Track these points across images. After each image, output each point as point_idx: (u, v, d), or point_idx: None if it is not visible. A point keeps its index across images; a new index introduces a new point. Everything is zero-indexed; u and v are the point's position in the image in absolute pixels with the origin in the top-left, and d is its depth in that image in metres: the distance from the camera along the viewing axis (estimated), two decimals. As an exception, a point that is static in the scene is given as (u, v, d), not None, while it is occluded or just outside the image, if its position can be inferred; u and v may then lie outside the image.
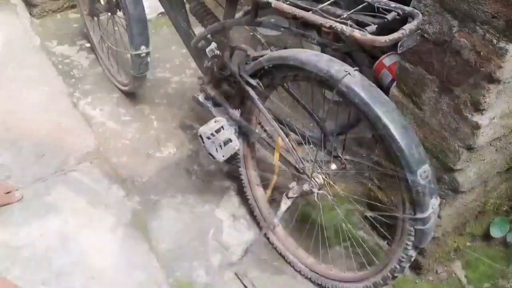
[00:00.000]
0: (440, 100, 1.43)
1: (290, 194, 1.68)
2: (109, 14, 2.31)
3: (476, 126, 1.35)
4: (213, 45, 1.81)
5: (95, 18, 2.49)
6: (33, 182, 2.01)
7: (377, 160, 1.54)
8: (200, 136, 1.73)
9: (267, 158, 1.96)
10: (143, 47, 2.08)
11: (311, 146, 1.67)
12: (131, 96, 2.41)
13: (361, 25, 1.22)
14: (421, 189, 1.32)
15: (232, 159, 1.87)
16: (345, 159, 1.59)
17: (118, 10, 2.24)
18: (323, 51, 1.51)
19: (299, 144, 1.74)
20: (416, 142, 1.32)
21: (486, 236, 1.88)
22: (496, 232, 1.82)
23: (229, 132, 1.75)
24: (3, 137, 2.17)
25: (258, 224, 1.91)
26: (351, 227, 1.83)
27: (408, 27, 1.19)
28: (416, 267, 1.80)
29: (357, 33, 1.18)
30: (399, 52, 1.23)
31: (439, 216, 1.60)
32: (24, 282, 1.71)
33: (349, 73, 1.34)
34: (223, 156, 1.75)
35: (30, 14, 2.84)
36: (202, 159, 2.13)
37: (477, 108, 1.33)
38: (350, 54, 2.63)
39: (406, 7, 1.26)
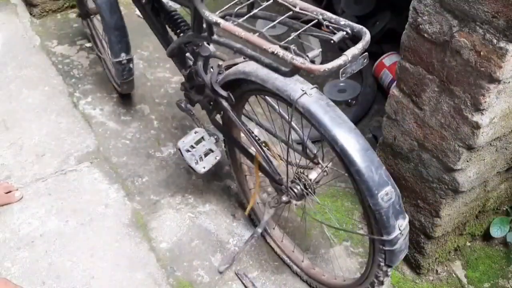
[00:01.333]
0: (440, 100, 1.43)
1: (271, 204, 1.65)
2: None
3: (476, 126, 1.35)
4: (188, 54, 1.78)
5: (88, 20, 2.49)
6: (33, 182, 2.02)
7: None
8: (179, 149, 1.71)
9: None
10: (123, 54, 2.06)
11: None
12: (131, 96, 2.41)
13: (307, 49, 1.17)
14: (383, 212, 1.28)
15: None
16: (326, 166, 1.54)
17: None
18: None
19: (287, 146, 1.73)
20: (376, 164, 1.28)
21: (486, 236, 1.88)
22: (496, 232, 1.82)
23: (209, 142, 1.74)
24: (3, 137, 2.17)
25: (256, 225, 1.91)
26: (331, 236, 1.83)
27: (351, 52, 1.12)
28: (416, 267, 1.80)
29: (297, 61, 1.13)
30: (341, 79, 1.19)
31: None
32: (24, 282, 1.71)
33: (305, 93, 1.31)
34: (204, 168, 1.73)
35: (30, 14, 2.84)
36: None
37: (477, 108, 1.33)
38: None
39: (355, 25, 1.19)
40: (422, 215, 1.66)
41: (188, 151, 1.72)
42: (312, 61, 1.14)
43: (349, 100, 2.42)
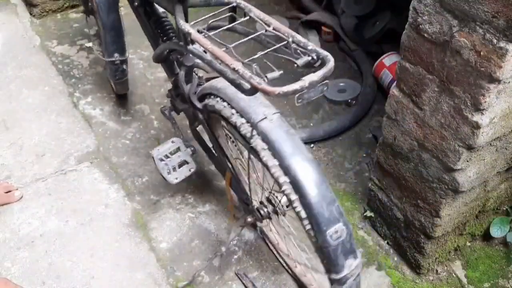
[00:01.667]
0: (440, 100, 1.43)
1: (239, 223, 1.64)
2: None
3: (476, 126, 1.35)
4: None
5: (91, 17, 2.49)
6: (33, 182, 2.02)
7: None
8: (153, 157, 1.71)
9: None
10: (116, 54, 2.06)
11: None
12: (131, 96, 2.41)
13: (268, 70, 1.13)
14: (332, 250, 1.23)
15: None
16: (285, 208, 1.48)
17: None
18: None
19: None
20: (329, 199, 1.22)
21: (486, 236, 1.88)
22: (496, 232, 1.82)
23: (185, 154, 1.73)
24: (3, 137, 2.18)
25: (256, 226, 1.91)
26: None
27: (310, 78, 1.09)
28: (416, 267, 1.80)
29: (254, 81, 1.10)
30: (297, 105, 1.17)
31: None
32: (24, 282, 1.71)
33: (266, 117, 1.28)
34: (176, 179, 1.72)
35: (30, 14, 2.84)
36: (201, 159, 2.13)
37: (477, 108, 1.33)
38: (350, 54, 2.64)
39: (321, 51, 1.16)
40: (422, 215, 1.66)
41: (162, 160, 1.71)
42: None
43: (349, 100, 2.42)
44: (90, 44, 2.65)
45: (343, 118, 2.31)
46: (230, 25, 1.35)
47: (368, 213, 1.92)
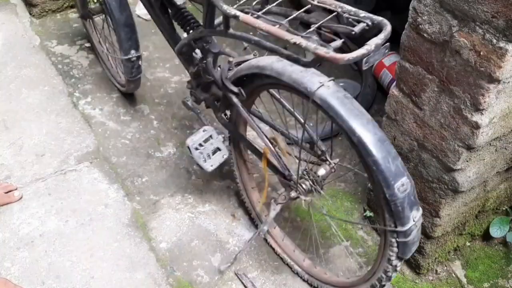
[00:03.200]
0: (440, 100, 1.43)
1: (279, 200, 1.65)
2: (103, 16, 2.30)
3: (476, 126, 1.35)
4: (197, 50, 1.78)
5: (89, 20, 2.49)
6: (32, 182, 2.02)
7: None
8: (188, 147, 1.72)
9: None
10: (132, 51, 2.06)
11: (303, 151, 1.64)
12: (131, 96, 2.41)
13: (328, 40, 1.18)
14: (399, 203, 1.29)
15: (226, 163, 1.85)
16: (334, 163, 1.55)
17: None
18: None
19: (290, 144, 1.73)
20: (393, 155, 1.29)
21: (486, 236, 1.88)
22: (496, 232, 1.82)
23: (218, 141, 1.75)
24: (3, 137, 2.18)
25: (257, 225, 1.91)
26: (340, 235, 1.82)
27: (374, 41, 1.14)
28: (416, 267, 1.80)
29: (321, 50, 1.14)
30: (364, 69, 1.20)
31: (437, 222, 1.61)
32: (24, 282, 1.71)
33: (323, 85, 1.32)
34: (212, 166, 1.75)
35: (30, 14, 2.84)
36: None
37: (477, 108, 1.33)
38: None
39: (375, 17, 1.21)
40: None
41: (196, 149, 1.72)
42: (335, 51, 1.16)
43: (349, 100, 2.41)
44: (89, 44, 2.65)
45: (343, 118, 2.31)
46: (271, 5, 1.37)
47: (368, 213, 1.92)
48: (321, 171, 1.54)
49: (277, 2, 1.38)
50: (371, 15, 1.21)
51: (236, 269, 1.80)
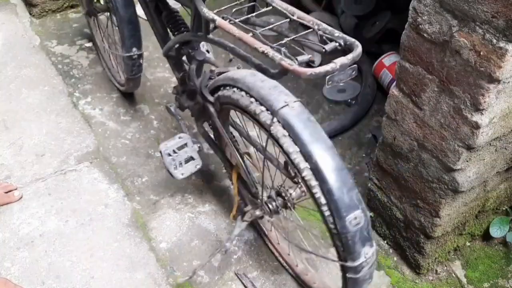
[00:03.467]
0: (440, 100, 1.43)
1: (245, 218, 1.62)
2: (108, 14, 2.31)
3: (476, 126, 1.35)
4: (184, 56, 1.79)
5: (93, 18, 2.49)
6: (32, 182, 2.02)
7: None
8: (160, 152, 1.71)
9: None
10: (134, 49, 2.07)
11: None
12: (131, 96, 2.41)
13: (298, 53, 1.17)
14: (350, 236, 1.24)
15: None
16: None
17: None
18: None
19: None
20: (349, 186, 1.25)
21: (486, 236, 1.88)
22: (496, 232, 1.82)
23: (192, 150, 1.74)
24: (3, 137, 2.18)
25: (255, 226, 1.91)
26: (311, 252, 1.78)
27: (341, 60, 1.12)
28: (416, 267, 1.80)
29: (285, 62, 1.13)
30: (328, 87, 1.19)
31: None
32: (24, 282, 1.71)
33: (287, 105, 1.29)
34: (182, 174, 1.73)
35: (30, 14, 2.84)
36: (201, 159, 2.13)
37: (477, 108, 1.33)
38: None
39: (348, 38, 1.19)
40: (421, 215, 1.66)
41: (169, 155, 1.71)
42: (309, 64, 1.15)
43: (349, 100, 2.42)
44: (89, 44, 2.65)
45: (343, 118, 2.31)
46: (253, 15, 1.37)
47: (368, 213, 1.92)
48: (295, 193, 1.48)
49: (259, 11, 1.37)
50: (345, 36, 1.20)
51: (236, 269, 1.80)
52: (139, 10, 2.70)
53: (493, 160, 1.53)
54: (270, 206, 1.52)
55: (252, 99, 1.37)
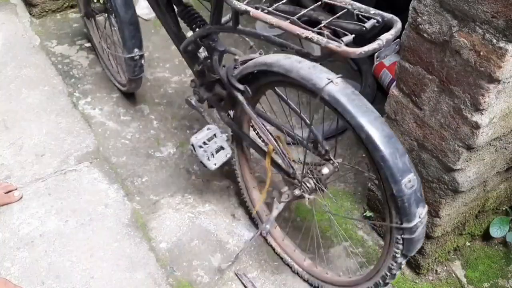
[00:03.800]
0: (440, 100, 1.43)
1: (282, 199, 1.66)
2: (106, 15, 2.30)
3: (476, 126, 1.35)
4: (203, 48, 1.79)
5: (92, 19, 2.49)
6: (32, 182, 2.02)
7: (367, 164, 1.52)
8: (192, 145, 1.73)
9: (263, 160, 1.96)
10: (136, 49, 2.07)
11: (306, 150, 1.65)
12: (131, 96, 2.41)
13: (339, 35, 1.20)
14: (406, 199, 1.29)
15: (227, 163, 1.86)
16: (338, 163, 1.56)
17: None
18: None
19: (291, 144, 1.73)
20: (400, 151, 1.29)
21: (486, 236, 1.88)
22: (496, 232, 1.82)
23: (221, 140, 1.75)
24: (3, 137, 2.17)
25: (257, 225, 1.91)
26: (343, 233, 1.82)
27: (385, 37, 1.17)
28: (416, 267, 1.80)
29: (332, 44, 1.16)
30: (376, 63, 1.23)
31: (438, 221, 1.61)
32: (24, 282, 1.71)
33: (331, 81, 1.32)
34: (215, 164, 1.75)
35: (30, 14, 2.84)
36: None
37: (477, 108, 1.33)
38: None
39: (385, 14, 1.23)
40: (421, 215, 1.66)
41: (200, 147, 1.73)
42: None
43: (349, 100, 2.41)
44: (89, 44, 2.65)
45: (343, 118, 2.31)
46: (279, 3, 1.38)
47: (368, 213, 1.92)
48: (325, 170, 1.55)
49: (283, 1, 1.39)
50: (381, 12, 1.23)
51: (236, 269, 1.80)
52: (139, 10, 2.70)
53: (493, 160, 1.53)
54: (308, 184, 1.57)
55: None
